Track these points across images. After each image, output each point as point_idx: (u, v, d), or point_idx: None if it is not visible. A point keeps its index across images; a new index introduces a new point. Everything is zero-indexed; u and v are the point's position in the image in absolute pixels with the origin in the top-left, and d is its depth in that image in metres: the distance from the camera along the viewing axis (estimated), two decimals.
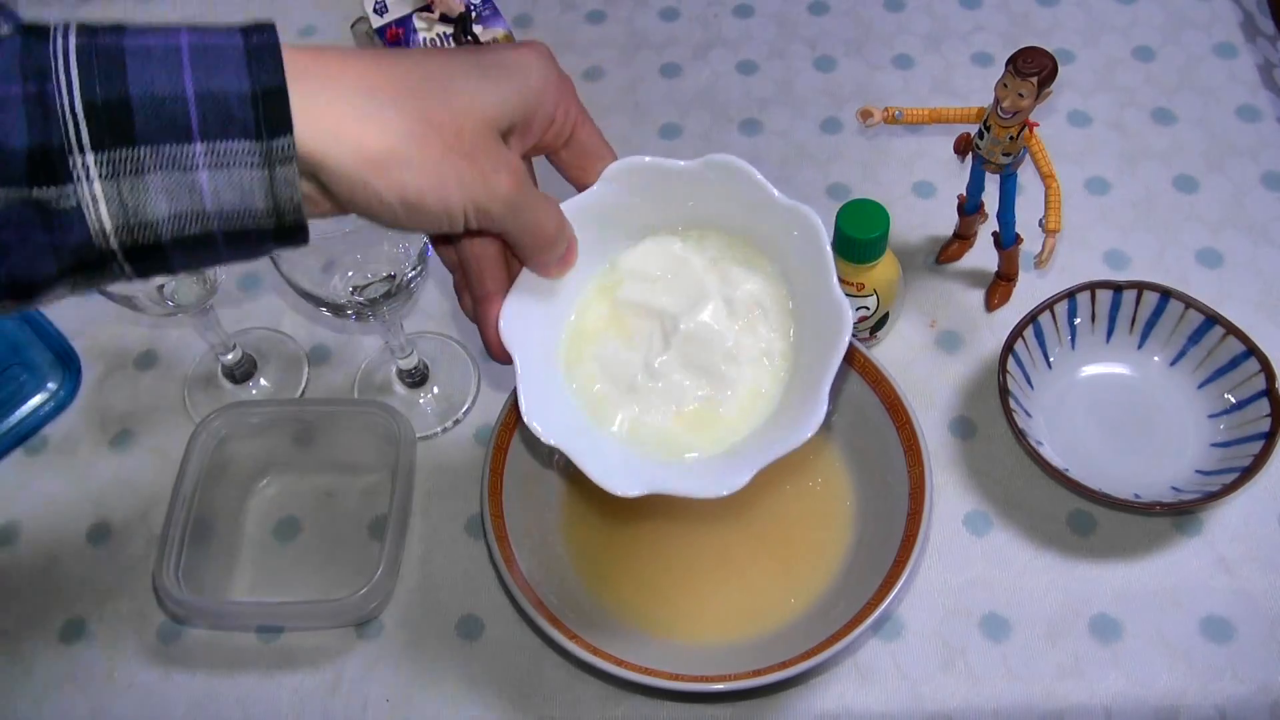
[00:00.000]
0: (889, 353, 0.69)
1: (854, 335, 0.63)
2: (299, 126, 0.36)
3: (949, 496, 0.63)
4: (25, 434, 0.69)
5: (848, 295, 0.63)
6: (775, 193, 0.47)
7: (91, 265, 0.36)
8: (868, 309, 0.64)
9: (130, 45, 0.35)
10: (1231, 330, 0.63)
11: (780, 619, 0.58)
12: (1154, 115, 0.79)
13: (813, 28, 0.86)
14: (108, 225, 0.35)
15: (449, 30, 0.76)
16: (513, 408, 0.59)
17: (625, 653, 0.54)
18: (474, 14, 0.76)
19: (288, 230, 0.37)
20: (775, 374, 0.50)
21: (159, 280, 0.61)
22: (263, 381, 0.72)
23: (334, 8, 0.90)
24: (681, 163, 0.48)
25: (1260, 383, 0.61)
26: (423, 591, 0.62)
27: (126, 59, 0.35)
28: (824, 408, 0.45)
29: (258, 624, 0.61)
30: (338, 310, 0.58)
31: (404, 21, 0.75)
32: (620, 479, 0.47)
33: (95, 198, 0.35)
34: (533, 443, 0.61)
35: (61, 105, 0.34)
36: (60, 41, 0.35)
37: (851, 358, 0.61)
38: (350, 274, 0.59)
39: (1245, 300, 0.69)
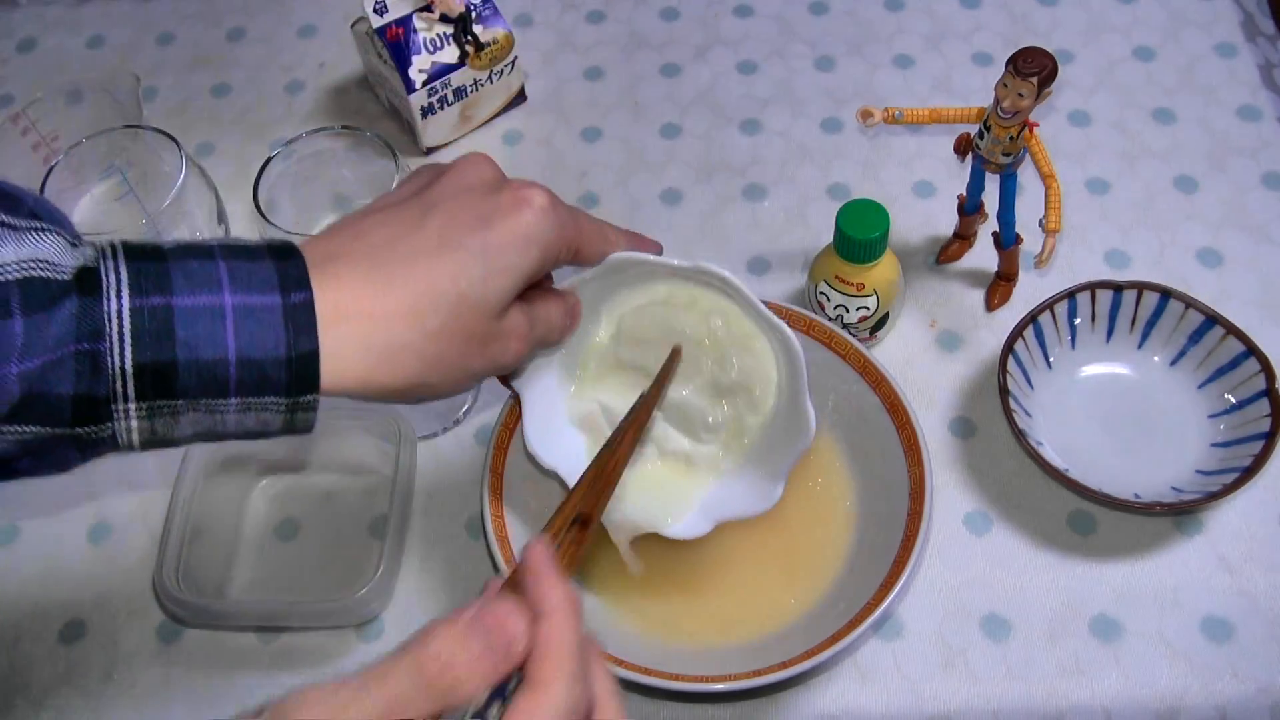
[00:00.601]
0: (889, 353, 0.69)
1: (854, 335, 0.64)
2: (328, 376, 0.40)
3: (949, 496, 0.63)
4: None
5: (847, 295, 0.64)
6: (762, 309, 0.51)
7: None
8: (868, 309, 0.64)
9: (179, 307, 0.38)
10: (1231, 330, 0.63)
11: (780, 619, 0.58)
12: (1154, 115, 0.79)
13: (813, 28, 0.86)
14: (136, 443, 0.39)
15: (449, 30, 0.75)
16: (512, 408, 0.60)
17: (625, 653, 0.54)
18: (474, 14, 0.76)
19: (297, 431, 0.42)
20: (744, 446, 0.56)
21: None
22: None
23: (334, 8, 0.90)
24: (675, 262, 0.52)
25: (1260, 383, 0.61)
26: (423, 591, 0.62)
27: (175, 324, 0.37)
28: (779, 492, 0.54)
29: (258, 624, 0.61)
30: None
31: (404, 21, 0.75)
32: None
33: (130, 430, 0.38)
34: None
35: (112, 366, 0.37)
36: (114, 302, 0.37)
37: (852, 357, 0.62)
38: None
39: (1245, 300, 0.69)
